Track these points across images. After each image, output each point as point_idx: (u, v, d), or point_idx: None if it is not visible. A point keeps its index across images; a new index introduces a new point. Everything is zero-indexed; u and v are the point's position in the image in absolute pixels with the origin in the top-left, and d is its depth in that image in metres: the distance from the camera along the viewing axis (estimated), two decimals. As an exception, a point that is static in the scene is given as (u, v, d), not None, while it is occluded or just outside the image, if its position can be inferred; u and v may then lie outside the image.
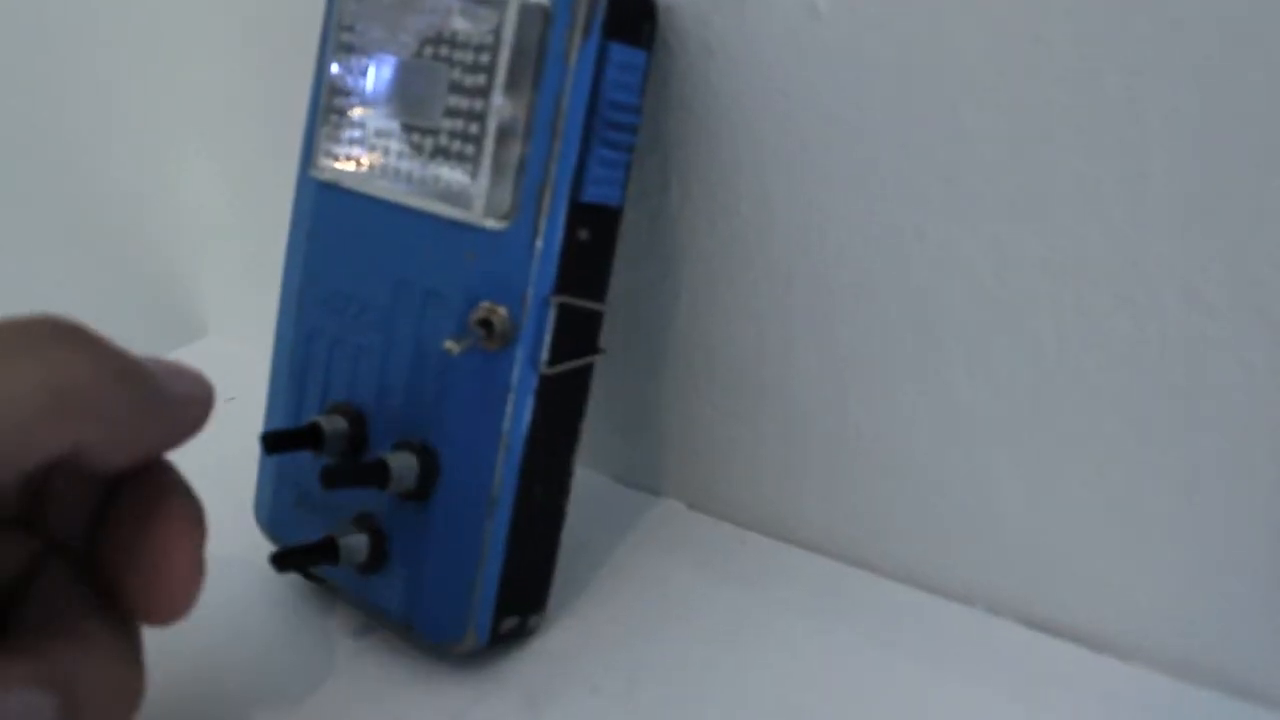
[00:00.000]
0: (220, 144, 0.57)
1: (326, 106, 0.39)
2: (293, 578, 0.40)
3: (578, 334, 0.36)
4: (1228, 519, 0.33)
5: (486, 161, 0.34)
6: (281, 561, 0.35)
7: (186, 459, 0.31)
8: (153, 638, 0.31)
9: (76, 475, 0.29)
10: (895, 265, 0.37)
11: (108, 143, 0.63)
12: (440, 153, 0.36)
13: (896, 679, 0.36)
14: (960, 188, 0.35)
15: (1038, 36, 0.31)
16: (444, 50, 0.36)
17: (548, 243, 0.34)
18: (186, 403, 0.30)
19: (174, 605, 0.30)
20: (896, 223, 0.36)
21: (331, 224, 0.39)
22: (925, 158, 0.35)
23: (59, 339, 0.27)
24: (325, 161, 0.39)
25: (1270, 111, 0.28)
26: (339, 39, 0.39)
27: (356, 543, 0.36)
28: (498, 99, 0.34)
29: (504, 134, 0.34)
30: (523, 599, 0.37)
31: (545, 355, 0.35)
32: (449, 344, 0.33)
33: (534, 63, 0.34)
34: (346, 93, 0.39)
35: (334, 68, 0.39)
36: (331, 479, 0.34)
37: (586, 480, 0.40)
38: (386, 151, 0.37)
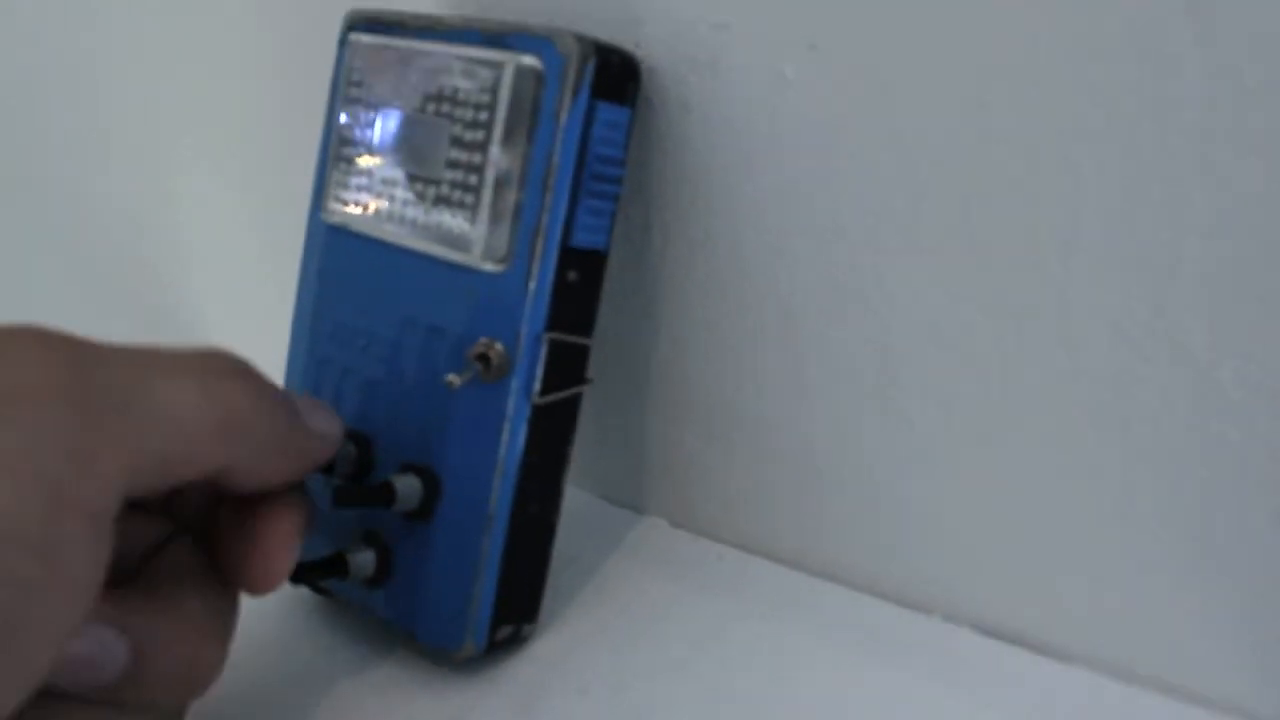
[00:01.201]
0: (226, 170, 0.58)
1: (335, 154, 0.40)
2: (301, 591, 0.40)
3: (567, 366, 0.37)
4: (1159, 533, 0.34)
5: (484, 210, 0.36)
6: (296, 576, 0.35)
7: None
8: None
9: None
10: (856, 305, 0.37)
11: (112, 166, 0.63)
12: (442, 201, 0.37)
13: (860, 682, 0.37)
14: (913, 236, 0.36)
15: (982, 103, 0.32)
16: (445, 107, 0.37)
17: (540, 284, 0.35)
18: (321, 436, 0.33)
19: (269, 577, 0.32)
20: (857, 266, 0.37)
21: (340, 263, 0.40)
22: (882, 209, 0.36)
23: (231, 373, 0.30)
24: (335, 205, 0.40)
25: (1183, 174, 0.30)
26: (347, 92, 0.40)
27: (364, 558, 0.37)
28: (495, 153, 0.36)
29: (500, 185, 0.35)
30: (517, 609, 0.38)
31: (538, 386, 0.36)
32: (451, 378, 0.34)
33: (528, 120, 0.35)
34: (354, 142, 0.40)
35: (343, 117, 0.40)
36: (342, 499, 0.35)
37: (575, 499, 0.40)
38: (392, 198, 0.38)
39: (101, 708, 0.28)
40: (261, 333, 0.46)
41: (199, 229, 0.61)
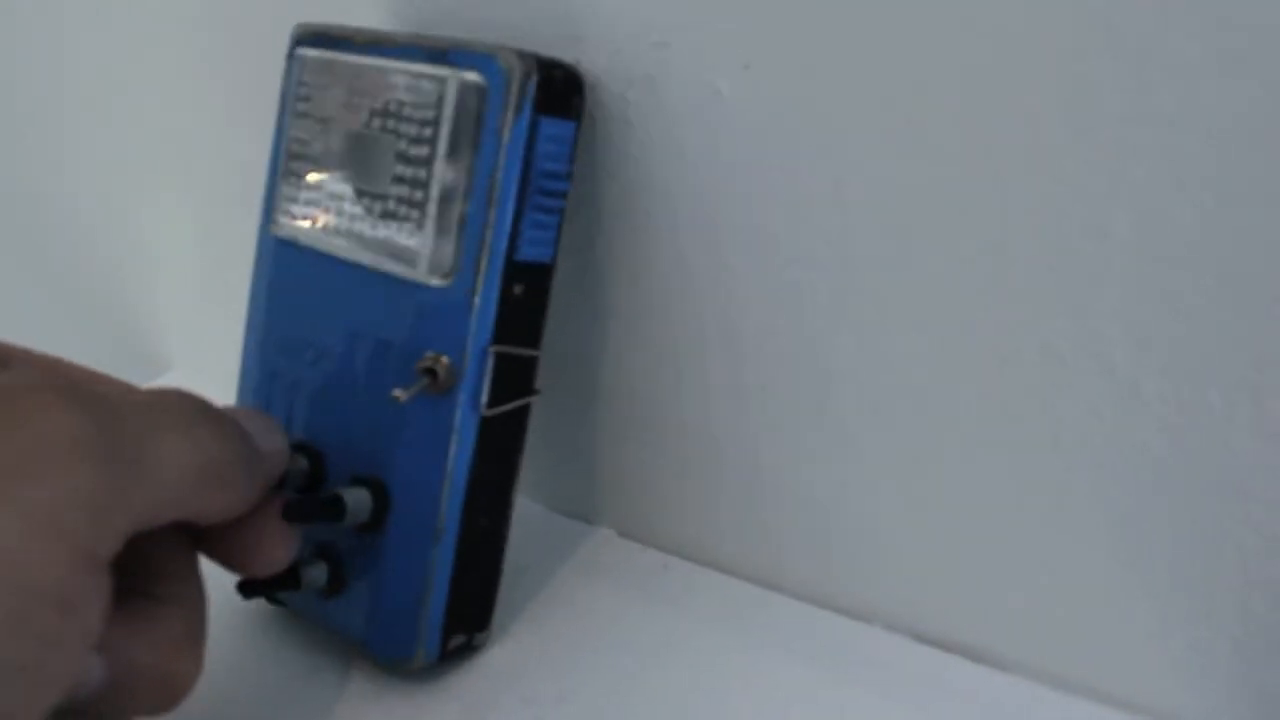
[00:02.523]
0: (182, 183, 0.58)
1: (285, 168, 0.40)
2: (256, 602, 0.40)
3: (515, 378, 0.37)
4: (1090, 542, 0.34)
5: (430, 224, 0.36)
6: (249, 589, 0.36)
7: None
8: None
9: None
10: (792, 317, 0.38)
11: (72, 180, 0.63)
12: (388, 215, 0.37)
13: (801, 690, 0.38)
14: (844, 250, 0.36)
15: (909, 121, 0.33)
16: (391, 122, 0.37)
17: (485, 298, 0.35)
18: (271, 455, 0.33)
19: (274, 562, 0.33)
20: (792, 279, 0.37)
21: (290, 277, 0.40)
22: (815, 223, 0.36)
23: (202, 418, 0.30)
24: (284, 219, 0.40)
25: (1104, 193, 0.31)
26: (295, 106, 0.40)
27: (316, 571, 0.37)
28: (440, 168, 0.36)
29: (445, 199, 0.36)
30: (468, 619, 0.38)
31: (485, 399, 0.36)
32: (397, 392, 0.35)
33: (472, 135, 0.35)
34: (303, 157, 0.40)
35: (291, 131, 0.40)
36: (292, 514, 0.34)
37: (525, 509, 0.41)
38: (340, 213, 0.38)
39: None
40: (215, 345, 0.47)
41: (154, 241, 0.61)
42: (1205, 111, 0.29)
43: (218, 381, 0.41)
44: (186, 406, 0.30)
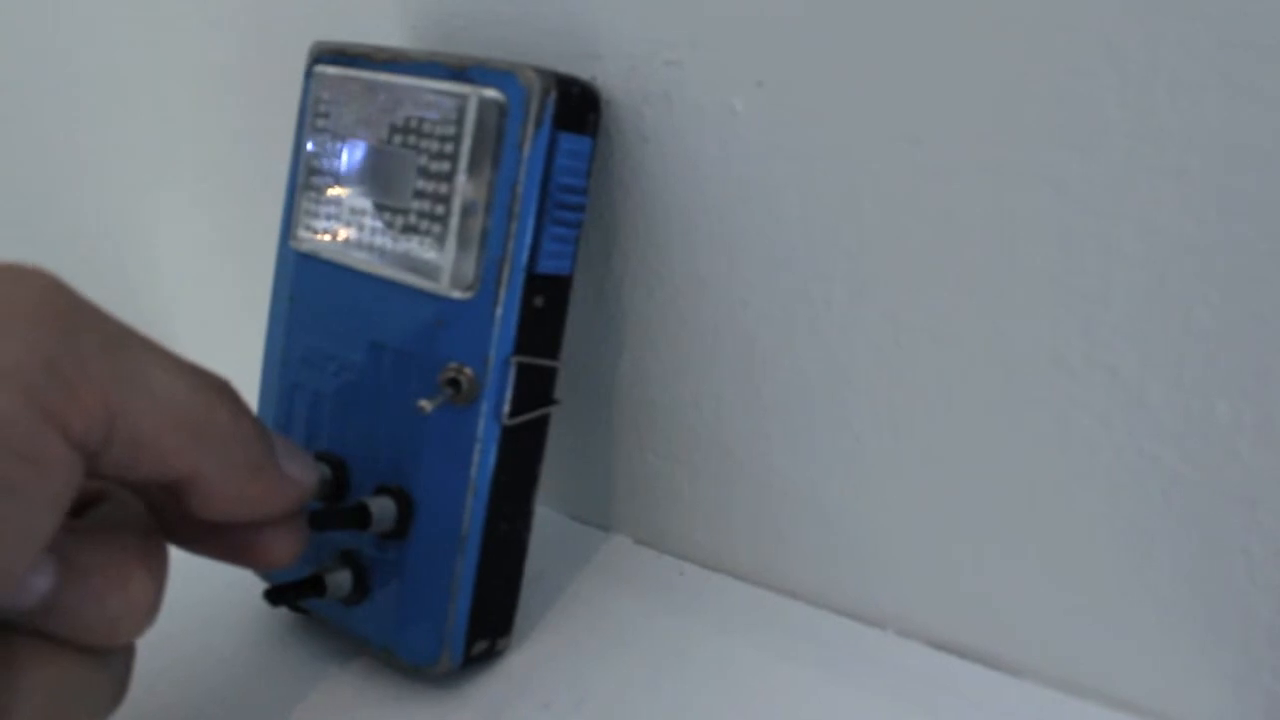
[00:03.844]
0: (199, 192, 0.58)
1: (304, 183, 0.41)
2: (280, 611, 0.41)
3: (535, 388, 0.38)
4: (1101, 549, 0.35)
5: (452, 238, 0.36)
6: (275, 597, 0.36)
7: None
8: (149, 668, 0.32)
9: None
10: (807, 329, 0.38)
11: (87, 188, 0.63)
12: (410, 230, 0.37)
13: (815, 695, 0.38)
14: (859, 263, 0.37)
15: (917, 139, 0.34)
16: (411, 138, 0.37)
17: (507, 310, 0.36)
18: (294, 482, 0.32)
19: (285, 555, 0.33)
20: (807, 292, 0.38)
21: (311, 290, 0.41)
22: (828, 237, 0.37)
23: (220, 388, 0.30)
24: (304, 234, 0.41)
25: (1110, 209, 0.31)
26: (314, 122, 0.40)
27: (341, 578, 0.38)
28: (461, 182, 0.36)
29: (467, 214, 0.36)
30: (492, 624, 0.39)
31: (507, 409, 0.36)
32: (423, 403, 0.35)
33: (493, 150, 0.36)
34: (322, 172, 0.40)
35: (310, 147, 0.40)
36: (319, 522, 0.35)
37: (543, 517, 0.41)
38: (361, 227, 0.39)
39: (30, 637, 0.27)
40: (234, 357, 0.46)
41: (173, 253, 0.62)
42: (1210, 129, 0.29)
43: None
44: (209, 375, 0.30)
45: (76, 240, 0.65)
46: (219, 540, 0.32)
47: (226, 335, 0.54)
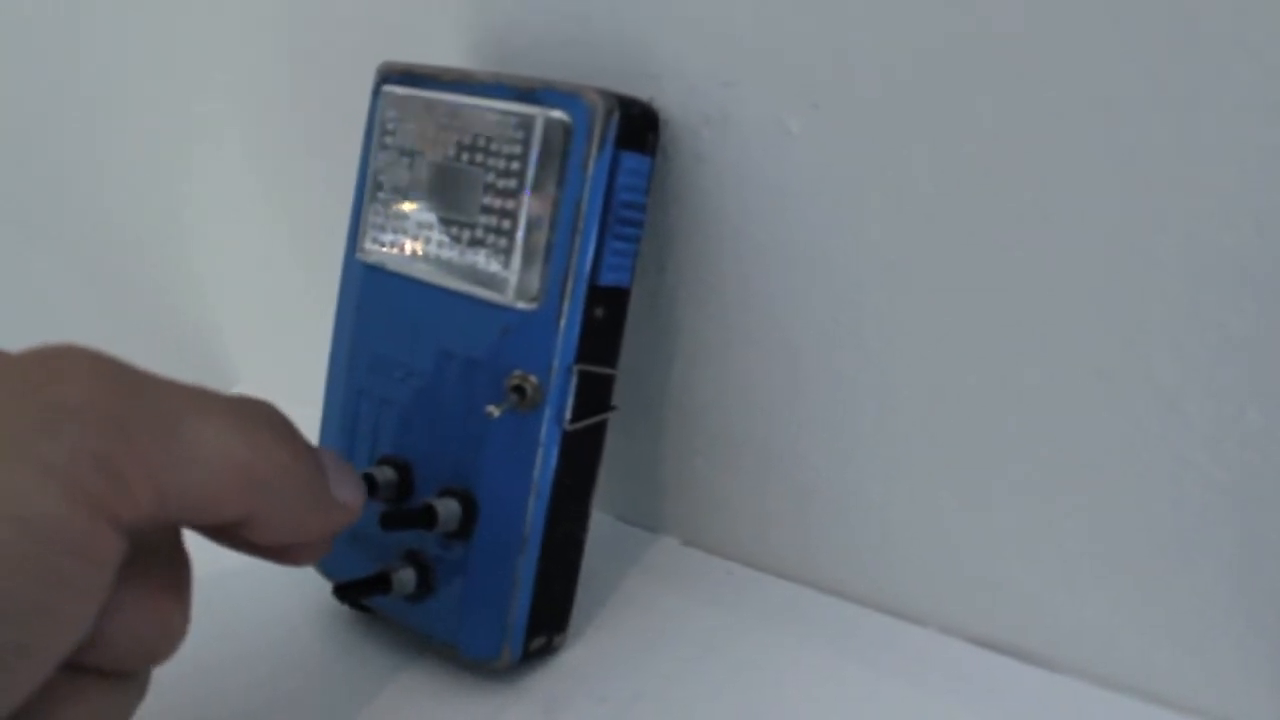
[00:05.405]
0: (263, 204, 0.59)
1: (371, 197, 0.42)
2: (342, 609, 0.43)
3: (595, 395, 0.39)
4: (1139, 550, 0.36)
5: (517, 252, 0.38)
6: (344, 593, 0.38)
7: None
8: (215, 663, 0.33)
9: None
10: (853, 341, 0.39)
11: (157, 201, 0.64)
12: (476, 243, 0.39)
13: (861, 689, 0.39)
14: (905, 280, 0.38)
15: (969, 155, 0.35)
16: (479, 156, 0.38)
17: (570, 320, 0.37)
18: (343, 507, 0.33)
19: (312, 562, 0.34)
20: (854, 304, 0.39)
21: (377, 300, 0.42)
22: (874, 252, 0.38)
23: (270, 425, 0.30)
24: (371, 246, 0.42)
25: (1148, 220, 0.32)
26: (382, 140, 0.41)
27: (406, 576, 0.39)
28: (527, 199, 0.37)
29: (532, 229, 0.37)
30: (550, 620, 0.40)
31: (569, 414, 0.38)
32: (491, 409, 0.37)
33: (558, 168, 0.37)
34: (390, 187, 0.41)
35: (377, 163, 0.41)
36: (389, 522, 0.37)
37: (595, 519, 0.41)
38: (428, 240, 0.40)
39: (64, 670, 0.27)
40: (298, 364, 0.48)
41: (236, 263, 0.63)
42: (1247, 147, 0.30)
43: (287, 397, 0.39)
44: (255, 411, 0.30)
45: (147, 252, 0.66)
46: (257, 549, 0.33)
47: (293, 344, 0.55)
